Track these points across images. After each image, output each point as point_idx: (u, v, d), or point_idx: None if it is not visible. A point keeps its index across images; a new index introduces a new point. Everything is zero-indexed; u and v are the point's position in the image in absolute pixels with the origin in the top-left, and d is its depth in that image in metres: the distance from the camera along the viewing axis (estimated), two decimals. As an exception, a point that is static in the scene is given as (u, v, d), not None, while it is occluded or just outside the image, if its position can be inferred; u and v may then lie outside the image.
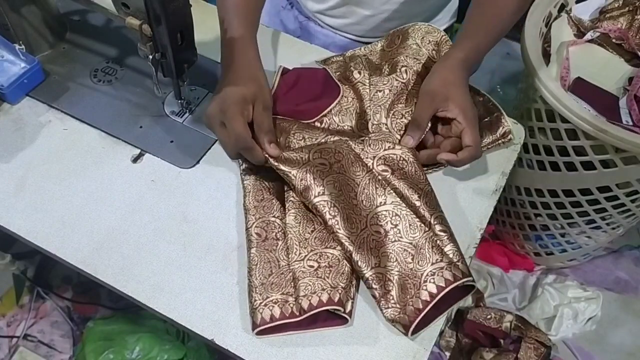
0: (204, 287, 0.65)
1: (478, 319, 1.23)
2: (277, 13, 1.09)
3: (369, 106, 0.76)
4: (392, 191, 0.68)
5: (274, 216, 0.68)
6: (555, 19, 1.11)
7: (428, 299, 0.61)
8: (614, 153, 0.96)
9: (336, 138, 0.73)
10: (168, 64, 0.69)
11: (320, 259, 0.64)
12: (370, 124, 0.75)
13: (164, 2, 0.61)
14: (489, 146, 0.78)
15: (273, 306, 0.61)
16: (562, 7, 1.11)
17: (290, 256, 0.65)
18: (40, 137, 0.76)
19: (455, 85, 0.73)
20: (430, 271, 0.62)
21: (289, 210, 0.68)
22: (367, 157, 0.70)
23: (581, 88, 1.00)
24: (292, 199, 0.69)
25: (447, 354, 1.27)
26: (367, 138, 0.73)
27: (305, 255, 0.64)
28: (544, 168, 1.09)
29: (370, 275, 0.63)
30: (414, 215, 0.66)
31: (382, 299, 0.63)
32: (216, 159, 0.76)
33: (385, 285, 0.63)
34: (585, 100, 0.98)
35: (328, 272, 0.63)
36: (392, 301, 0.62)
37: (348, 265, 0.64)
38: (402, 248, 0.64)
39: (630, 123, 0.96)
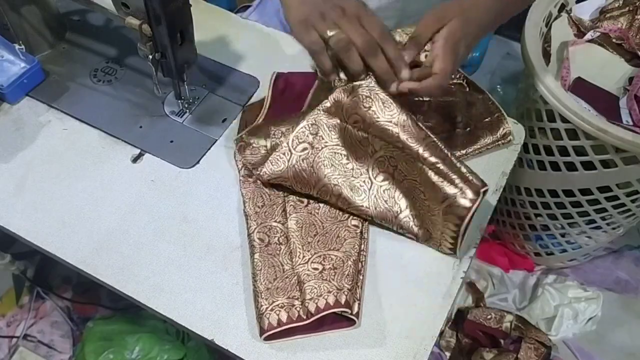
0: (204, 287, 0.65)
1: (478, 319, 1.23)
2: (276, 13, 1.09)
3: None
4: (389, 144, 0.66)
5: (275, 221, 0.68)
6: (556, 18, 1.11)
7: (468, 205, 0.61)
8: (614, 153, 0.96)
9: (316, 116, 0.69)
10: (168, 63, 0.69)
11: (325, 262, 0.64)
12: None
13: (164, 2, 0.61)
14: (489, 146, 0.78)
15: (280, 311, 0.61)
16: (562, 7, 1.11)
17: (294, 260, 0.65)
18: (40, 137, 0.76)
19: (467, 12, 0.65)
20: (453, 193, 0.62)
21: (290, 215, 0.68)
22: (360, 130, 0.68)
23: (581, 88, 1.00)
24: (292, 204, 0.69)
25: (447, 354, 1.26)
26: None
27: (309, 258, 0.64)
28: (544, 168, 1.09)
29: (405, 218, 0.67)
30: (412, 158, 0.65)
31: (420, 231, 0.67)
32: (216, 159, 0.76)
33: (421, 222, 0.66)
34: (586, 100, 0.98)
35: (333, 274, 0.63)
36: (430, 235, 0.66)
37: (352, 266, 0.64)
38: (413, 186, 0.66)
39: (631, 123, 0.96)
